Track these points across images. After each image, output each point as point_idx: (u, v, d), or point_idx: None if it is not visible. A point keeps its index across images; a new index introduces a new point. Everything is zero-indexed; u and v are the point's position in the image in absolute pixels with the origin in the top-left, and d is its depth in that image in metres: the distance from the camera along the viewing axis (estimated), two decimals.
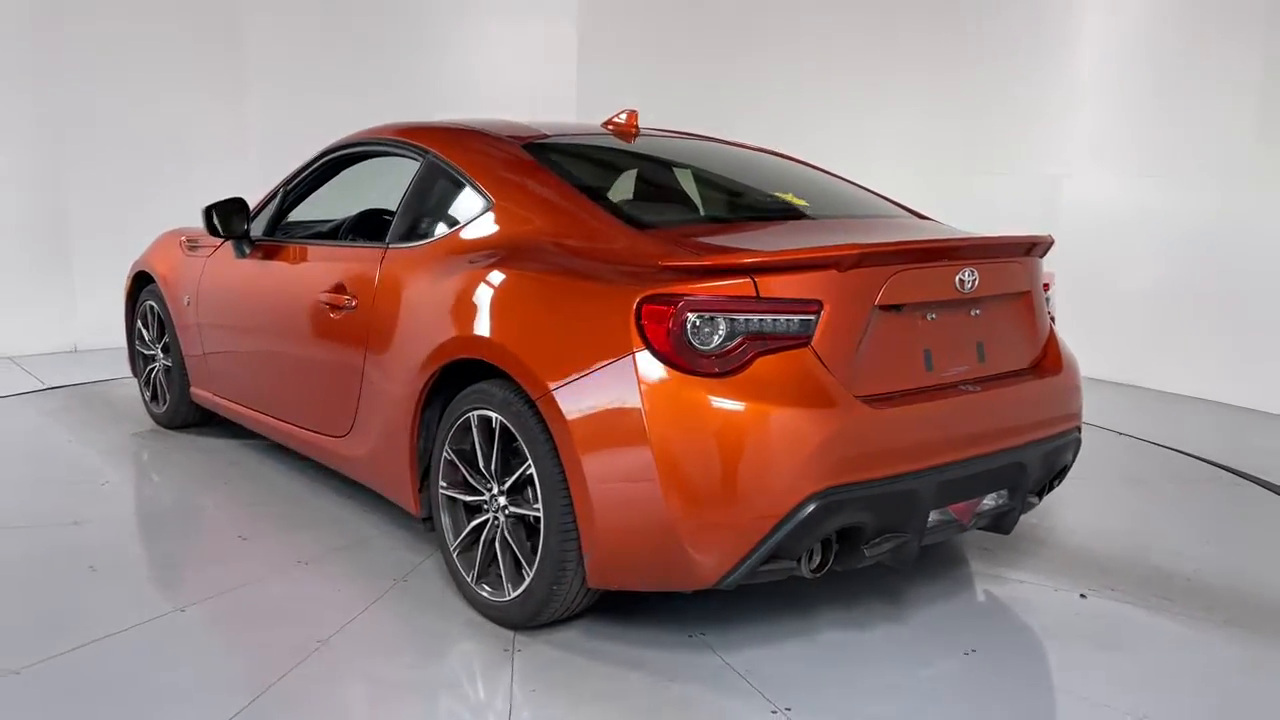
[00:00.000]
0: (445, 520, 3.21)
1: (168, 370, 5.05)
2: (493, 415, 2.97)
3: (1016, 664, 2.95)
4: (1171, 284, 6.51)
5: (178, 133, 7.34)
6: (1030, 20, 7.03)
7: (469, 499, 3.13)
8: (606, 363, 2.67)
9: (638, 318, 2.66)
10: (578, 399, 2.70)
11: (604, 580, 2.79)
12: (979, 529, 3.22)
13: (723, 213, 3.41)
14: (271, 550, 3.64)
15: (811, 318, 2.65)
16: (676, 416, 2.60)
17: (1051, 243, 3.21)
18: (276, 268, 4.07)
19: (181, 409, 5.02)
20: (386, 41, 7.59)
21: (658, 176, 3.71)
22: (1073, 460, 3.37)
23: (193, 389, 4.86)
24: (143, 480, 4.58)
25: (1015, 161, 7.09)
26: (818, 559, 2.78)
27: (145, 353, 5.24)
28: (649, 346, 2.63)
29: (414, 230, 3.57)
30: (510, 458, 2.98)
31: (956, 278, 2.90)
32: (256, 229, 4.32)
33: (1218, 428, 5.85)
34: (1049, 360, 3.28)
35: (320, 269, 3.84)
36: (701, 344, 2.61)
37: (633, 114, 4.01)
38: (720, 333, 2.62)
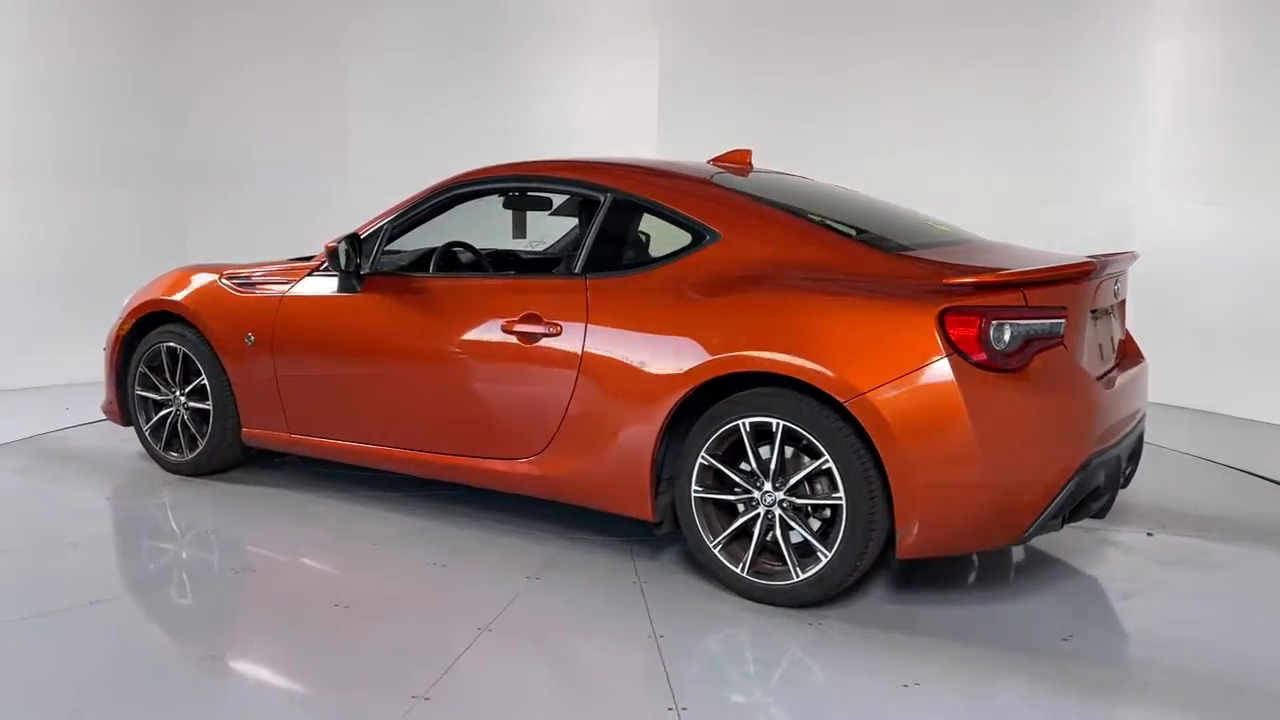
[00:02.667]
0: (699, 521, 3.56)
1: (198, 415, 4.82)
2: (772, 420, 3.39)
3: (1172, 586, 3.77)
4: (1245, 311, 6.62)
5: (285, 170, 7.87)
6: (1101, 47, 7.16)
7: (729, 498, 3.51)
8: (920, 366, 3.20)
9: (941, 327, 3.21)
10: (895, 399, 3.20)
11: (917, 551, 3.29)
12: None
13: (916, 239, 3.92)
14: (483, 573, 3.75)
15: (1062, 321, 3.33)
16: (990, 407, 3.18)
17: (1137, 257, 4.11)
18: (424, 301, 4.13)
19: (220, 453, 4.81)
20: (478, 81, 8.02)
21: (838, 208, 4.17)
22: None
23: (246, 431, 4.70)
24: (248, 529, 4.32)
25: (1086, 189, 7.21)
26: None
27: (155, 398, 4.95)
28: (957, 351, 3.19)
29: (616, 261, 3.88)
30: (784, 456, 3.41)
31: (1114, 287, 3.72)
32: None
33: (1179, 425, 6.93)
34: (1133, 351, 4.17)
35: (495, 300, 3.98)
36: (997, 345, 3.21)
37: (745, 152, 4.49)
38: (1007, 336, 3.23)
